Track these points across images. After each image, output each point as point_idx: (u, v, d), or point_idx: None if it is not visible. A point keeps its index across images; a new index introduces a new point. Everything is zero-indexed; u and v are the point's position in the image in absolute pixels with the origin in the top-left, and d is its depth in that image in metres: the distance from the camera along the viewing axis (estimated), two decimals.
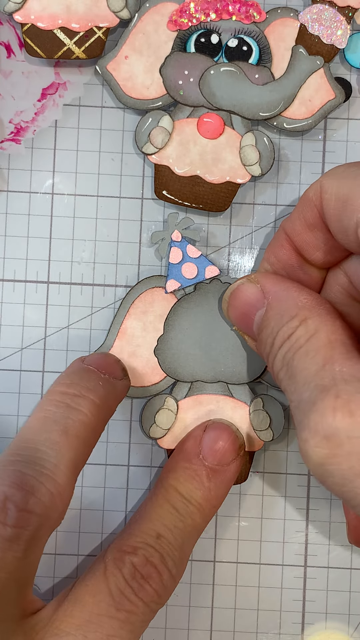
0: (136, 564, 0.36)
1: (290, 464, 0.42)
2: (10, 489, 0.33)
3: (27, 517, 0.33)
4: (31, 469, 0.34)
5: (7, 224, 0.42)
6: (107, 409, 0.37)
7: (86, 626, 0.35)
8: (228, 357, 0.41)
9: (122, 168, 0.42)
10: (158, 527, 0.38)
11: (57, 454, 0.34)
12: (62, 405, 0.36)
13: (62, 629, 0.35)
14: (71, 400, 0.36)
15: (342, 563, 0.42)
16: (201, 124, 0.41)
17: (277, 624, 0.42)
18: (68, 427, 0.35)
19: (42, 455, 0.34)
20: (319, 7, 0.41)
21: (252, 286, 0.38)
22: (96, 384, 0.37)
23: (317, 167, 0.42)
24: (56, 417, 0.35)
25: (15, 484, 0.33)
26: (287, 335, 0.35)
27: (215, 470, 0.39)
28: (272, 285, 0.37)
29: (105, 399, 0.37)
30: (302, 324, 0.35)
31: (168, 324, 0.41)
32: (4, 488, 0.33)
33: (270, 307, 0.36)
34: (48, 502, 0.33)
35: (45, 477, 0.34)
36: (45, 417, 0.36)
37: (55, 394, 0.36)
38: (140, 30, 0.41)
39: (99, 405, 0.36)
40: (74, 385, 0.37)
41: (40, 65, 0.42)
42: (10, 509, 0.33)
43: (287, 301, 0.36)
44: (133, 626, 0.36)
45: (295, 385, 0.34)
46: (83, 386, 0.37)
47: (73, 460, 0.35)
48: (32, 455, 0.34)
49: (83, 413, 0.36)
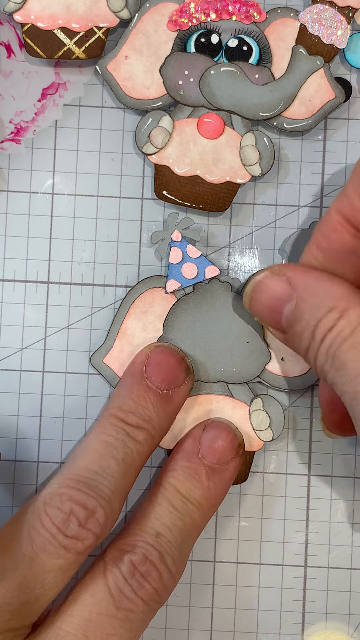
0: (135, 563, 0.36)
1: (290, 464, 0.42)
2: (77, 507, 0.36)
3: (85, 533, 0.36)
4: (93, 492, 0.36)
5: (7, 224, 0.42)
6: (161, 433, 0.39)
7: (86, 625, 0.36)
8: (228, 357, 0.41)
9: (122, 168, 0.42)
10: (157, 526, 0.38)
11: (115, 481, 0.37)
12: (123, 433, 0.38)
13: (63, 628, 0.36)
14: (130, 430, 0.38)
15: (342, 563, 0.42)
16: (201, 124, 0.41)
17: (277, 624, 0.42)
18: (126, 456, 0.38)
19: (103, 481, 0.37)
20: (319, 7, 0.41)
21: (277, 279, 0.37)
22: (152, 412, 0.39)
23: (317, 167, 0.42)
24: (117, 444, 0.38)
25: (81, 503, 0.36)
26: (329, 328, 0.34)
27: (215, 469, 0.39)
28: (300, 276, 0.36)
29: (159, 426, 0.39)
30: (343, 316, 0.34)
31: (167, 325, 0.41)
32: (70, 504, 0.36)
33: (302, 300, 0.36)
34: (103, 523, 0.36)
35: (104, 501, 0.36)
36: (107, 442, 0.38)
37: (116, 419, 0.38)
38: (140, 30, 0.41)
39: (153, 435, 0.39)
40: (131, 416, 0.38)
41: (40, 65, 0.42)
42: (73, 522, 0.36)
43: (321, 292, 0.35)
44: (133, 625, 0.36)
45: (347, 377, 0.34)
46: (140, 417, 0.38)
47: (124, 488, 0.38)
48: (94, 479, 0.37)
49: (140, 443, 0.38)
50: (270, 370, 0.41)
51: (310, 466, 0.42)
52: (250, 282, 0.38)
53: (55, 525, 0.36)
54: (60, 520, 0.36)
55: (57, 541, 0.35)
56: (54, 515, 0.36)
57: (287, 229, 0.42)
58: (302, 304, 0.36)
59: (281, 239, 0.42)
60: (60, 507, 0.36)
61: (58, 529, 0.36)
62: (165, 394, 0.39)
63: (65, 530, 0.36)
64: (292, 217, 0.42)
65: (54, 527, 0.36)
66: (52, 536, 0.36)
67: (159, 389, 0.39)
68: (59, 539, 0.36)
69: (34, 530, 0.36)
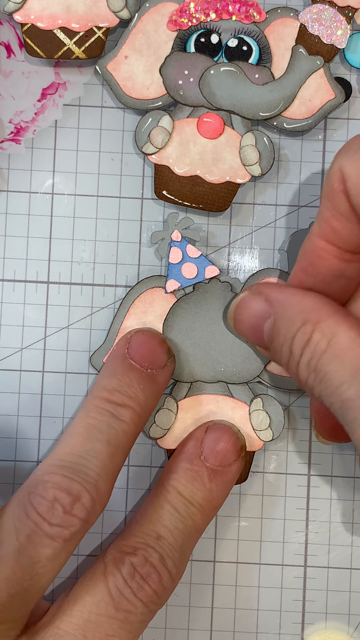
0: (136, 564, 0.36)
1: (290, 464, 0.42)
2: (60, 493, 0.35)
3: (71, 520, 0.35)
4: (78, 476, 0.36)
5: (7, 224, 0.42)
6: (148, 412, 0.39)
7: (85, 626, 0.36)
8: (227, 357, 0.41)
9: (122, 168, 0.42)
10: (158, 528, 0.38)
11: (101, 463, 0.37)
12: (107, 414, 0.38)
13: (62, 628, 0.36)
14: (114, 409, 0.38)
15: (342, 563, 0.42)
16: (201, 124, 0.41)
17: (277, 624, 0.42)
18: (111, 437, 0.37)
19: (87, 464, 0.36)
20: (319, 7, 0.41)
21: (256, 297, 0.37)
22: (137, 390, 0.38)
23: (317, 167, 0.42)
24: (101, 425, 0.37)
25: (65, 488, 0.35)
26: (305, 342, 0.35)
27: (217, 471, 0.39)
28: (276, 293, 0.37)
29: (145, 405, 0.38)
30: (316, 328, 0.35)
31: (167, 325, 0.41)
32: (54, 491, 0.35)
33: (279, 316, 0.36)
34: (90, 507, 0.36)
35: (89, 485, 0.36)
36: (90, 424, 0.37)
37: (100, 400, 0.38)
38: (140, 30, 0.41)
39: (139, 413, 0.38)
40: (116, 394, 0.38)
41: (40, 65, 0.42)
42: (57, 509, 0.35)
43: (293, 307, 0.36)
44: (132, 626, 0.36)
45: (331, 388, 0.34)
46: (125, 394, 0.38)
47: (113, 469, 0.37)
48: (78, 463, 0.36)
49: (125, 423, 0.38)
50: (270, 370, 0.41)
51: (310, 466, 0.42)
52: (231, 303, 0.39)
53: (40, 515, 0.35)
54: (45, 509, 0.35)
55: (42, 531, 0.35)
56: (37, 503, 0.35)
57: (287, 229, 0.42)
58: (279, 319, 0.36)
59: (281, 239, 0.42)
60: (44, 495, 0.35)
61: (42, 518, 0.35)
62: (150, 373, 0.39)
63: (50, 519, 0.35)
64: (292, 217, 0.42)
65: (38, 517, 0.35)
66: (37, 526, 0.35)
67: (143, 367, 0.39)
68: (44, 529, 0.35)
69: (18, 521, 0.35)
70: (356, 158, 0.35)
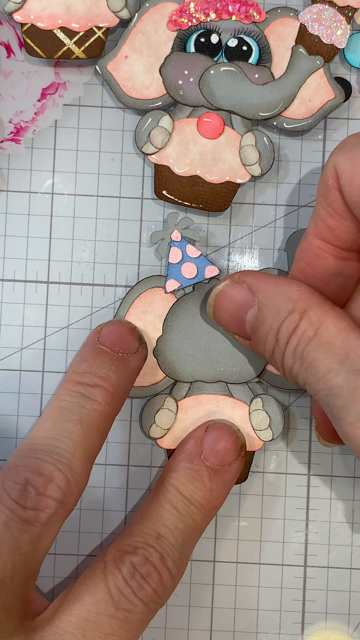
0: (136, 564, 0.36)
1: (290, 464, 0.42)
2: (31, 474, 0.35)
3: (46, 501, 0.35)
4: (49, 456, 0.35)
5: (7, 224, 0.42)
6: (121, 393, 0.38)
7: (85, 625, 0.36)
8: (227, 357, 0.41)
9: (122, 168, 0.42)
10: (159, 527, 0.38)
11: (73, 442, 0.36)
12: (77, 395, 0.37)
13: (62, 627, 0.36)
14: (85, 390, 0.37)
15: (342, 563, 0.42)
16: (201, 123, 0.41)
17: (277, 624, 0.42)
18: (83, 417, 0.37)
19: (60, 444, 0.36)
20: (319, 7, 0.41)
21: (238, 286, 0.38)
22: (109, 370, 0.38)
23: (317, 167, 0.42)
24: (72, 407, 0.37)
25: (36, 470, 0.35)
26: (292, 330, 0.36)
27: (217, 471, 0.39)
28: (260, 282, 0.37)
29: (117, 385, 0.38)
30: (303, 317, 0.35)
31: (167, 325, 0.41)
32: (25, 473, 0.35)
33: (264, 305, 0.37)
34: (65, 488, 0.35)
35: (62, 464, 0.35)
36: (62, 407, 0.37)
37: (71, 383, 0.38)
38: (140, 30, 0.41)
39: (112, 393, 0.38)
40: (87, 375, 0.38)
41: (40, 65, 0.42)
42: (30, 492, 0.35)
43: (280, 295, 0.36)
44: (132, 625, 0.36)
45: (318, 375, 0.35)
46: (96, 375, 0.38)
47: (88, 449, 0.36)
48: (50, 445, 0.36)
49: (97, 402, 0.37)
50: (270, 370, 0.41)
51: (310, 466, 0.42)
52: (212, 291, 0.39)
53: (13, 500, 0.35)
54: (18, 494, 0.35)
55: (18, 516, 0.35)
56: (10, 489, 0.35)
57: (287, 229, 0.42)
58: (264, 308, 0.37)
59: (281, 239, 0.42)
60: (16, 480, 0.35)
61: (16, 503, 0.35)
62: (121, 356, 0.39)
63: (24, 503, 0.35)
64: (292, 217, 0.42)
65: (12, 502, 0.35)
66: (12, 512, 0.35)
67: (114, 352, 0.39)
68: (19, 514, 0.35)
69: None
70: (350, 155, 0.35)
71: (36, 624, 0.36)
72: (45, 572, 0.42)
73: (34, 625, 0.36)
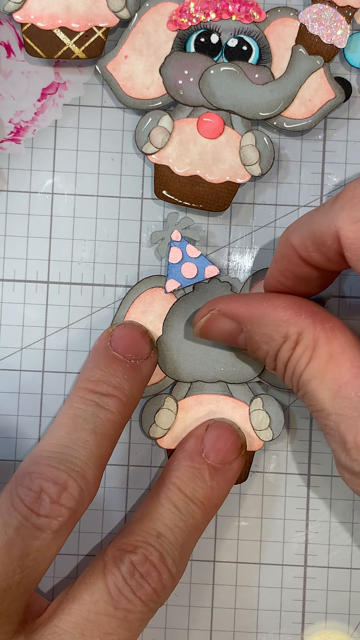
0: (135, 563, 0.36)
1: (290, 464, 0.42)
2: (46, 483, 0.35)
3: (59, 510, 0.35)
4: (64, 465, 0.36)
5: (7, 224, 0.42)
6: (133, 402, 0.39)
7: (84, 624, 0.36)
8: (227, 357, 0.41)
9: (122, 168, 0.42)
10: (159, 526, 0.38)
11: (87, 452, 0.36)
12: (92, 404, 0.38)
13: (61, 626, 0.36)
14: (99, 399, 0.38)
15: (342, 563, 0.42)
16: (201, 123, 0.41)
17: (277, 624, 0.42)
18: (97, 426, 0.37)
19: (74, 453, 0.36)
20: (319, 6, 0.41)
21: (221, 319, 0.38)
22: (122, 380, 0.38)
23: (317, 167, 0.42)
24: (86, 415, 0.37)
25: (51, 478, 0.35)
26: (287, 359, 0.36)
27: (218, 469, 0.39)
28: (242, 310, 0.38)
29: (130, 394, 0.38)
30: (298, 344, 0.36)
31: (167, 325, 0.41)
32: (40, 481, 0.35)
33: (253, 332, 0.37)
34: (78, 497, 0.35)
35: (76, 473, 0.36)
36: (76, 415, 0.37)
37: (84, 391, 0.38)
38: (140, 30, 0.41)
39: (125, 402, 0.38)
40: (100, 384, 0.38)
41: (40, 65, 0.42)
42: (44, 500, 0.35)
43: (268, 322, 0.37)
44: (131, 625, 0.36)
45: (312, 407, 0.36)
46: (110, 384, 0.38)
47: (100, 458, 0.37)
48: (64, 453, 0.36)
49: (111, 412, 0.37)
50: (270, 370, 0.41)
51: (310, 466, 0.42)
52: (195, 326, 0.39)
53: (27, 506, 0.35)
54: (31, 500, 0.35)
55: (30, 523, 0.35)
56: (24, 495, 0.35)
57: None
58: (255, 336, 0.37)
59: None
60: (30, 487, 0.35)
61: (30, 509, 0.35)
62: (133, 364, 0.39)
63: (37, 510, 0.35)
64: (292, 217, 0.42)
65: (25, 509, 0.35)
66: (25, 518, 0.35)
67: (126, 358, 0.39)
68: (32, 520, 0.35)
69: (6, 515, 0.35)
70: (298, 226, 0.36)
71: (36, 625, 0.36)
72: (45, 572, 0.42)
73: (34, 626, 0.36)
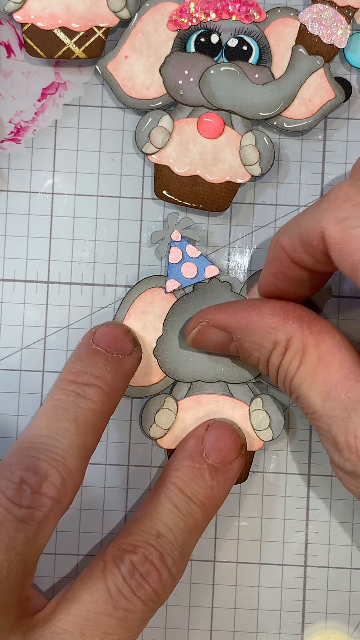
0: (135, 563, 0.36)
1: (290, 464, 0.42)
2: (26, 473, 0.35)
3: (41, 499, 0.35)
4: (44, 455, 0.35)
5: (7, 224, 0.42)
6: (116, 393, 0.38)
7: (83, 624, 0.36)
8: (227, 357, 0.41)
9: (122, 168, 0.42)
10: (159, 526, 0.37)
11: (68, 441, 0.36)
12: (72, 394, 0.37)
13: (60, 626, 0.36)
14: (80, 389, 0.37)
15: (342, 563, 0.42)
16: (201, 123, 0.41)
17: (277, 624, 0.42)
18: (78, 415, 0.37)
19: (54, 443, 0.36)
20: (319, 6, 0.41)
21: (211, 330, 0.39)
22: (104, 370, 0.38)
23: (317, 167, 0.42)
24: (67, 405, 0.37)
25: (31, 468, 0.35)
26: (278, 364, 0.37)
27: (218, 469, 0.39)
28: (230, 321, 0.38)
29: (113, 384, 0.38)
30: (288, 350, 0.36)
31: (167, 325, 0.41)
32: (20, 472, 0.35)
33: (244, 341, 0.38)
34: (60, 486, 0.35)
35: (57, 462, 0.35)
36: (56, 405, 0.37)
37: (66, 382, 0.38)
38: (140, 30, 0.41)
39: (107, 392, 0.38)
40: (82, 374, 0.38)
41: (40, 65, 0.42)
42: (25, 490, 0.35)
43: (257, 330, 0.37)
44: (131, 624, 0.36)
45: (305, 410, 0.37)
46: (91, 374, 0.38)
47: (82, 447, 0.36)
48: (45, 443, 0.36)
49: (92, 401, 0.37)
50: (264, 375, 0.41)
51: (310, 466, 0.42)
52: (187, 338, 0.40)
53: (8, 499, 0.34)
54: (13, 493, 0.34)
55: (12, 515, 0.34)
56: (5, 488, 0.35)
57: None
58: (245, 344, 0.38)
59: None
60: (10, 478, 0.35)
61: (11, 502, 0.34)
62: (116, 357, 0.39)
63: (19, 502, 0.34)
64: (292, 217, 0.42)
65: (7, 501, 0.34)
66: (7, 511, 0.34)
67: (109, 352, 0.39)
68: (14, 513, 0.34)
69: None
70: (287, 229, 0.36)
71: (34, 622, 0.36)
72: (44, 572, 0.42)
73: (31, 623, 0.36)
